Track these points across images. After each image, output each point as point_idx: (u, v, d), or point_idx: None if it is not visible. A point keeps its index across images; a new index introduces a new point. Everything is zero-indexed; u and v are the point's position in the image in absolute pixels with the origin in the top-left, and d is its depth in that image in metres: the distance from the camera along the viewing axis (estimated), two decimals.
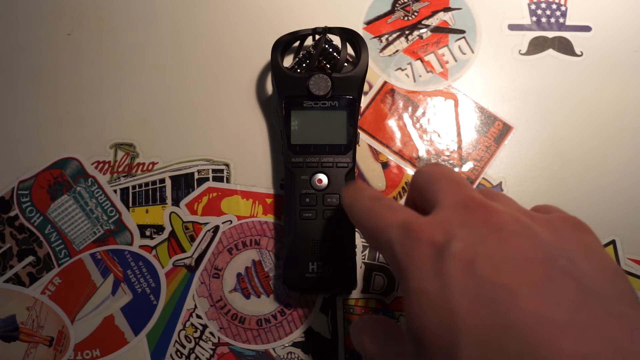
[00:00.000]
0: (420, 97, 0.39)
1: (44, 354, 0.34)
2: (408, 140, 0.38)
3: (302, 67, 0.35)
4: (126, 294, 0.35)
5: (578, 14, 0.40)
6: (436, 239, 0.19)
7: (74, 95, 0.39)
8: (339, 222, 0.32)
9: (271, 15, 0.40)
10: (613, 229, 0.36)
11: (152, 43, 0.40)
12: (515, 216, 0.20)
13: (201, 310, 0.35)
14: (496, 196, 0.23)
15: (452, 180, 0.22)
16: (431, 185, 0.23)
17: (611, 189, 0.37)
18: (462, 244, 0.19)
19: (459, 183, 0.22)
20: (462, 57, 0.40)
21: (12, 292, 0.35)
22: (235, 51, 0.39)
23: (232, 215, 0.36)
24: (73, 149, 0.38)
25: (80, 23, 0.40)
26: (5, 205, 0.37)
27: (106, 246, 0.36)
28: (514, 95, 0.39)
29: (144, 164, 0.37)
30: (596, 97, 0.39)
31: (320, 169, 0.33)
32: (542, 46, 0.40)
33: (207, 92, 0.39)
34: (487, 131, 0.38)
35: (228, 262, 0.35)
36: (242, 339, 0.34)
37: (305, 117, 0.34)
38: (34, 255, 0.36)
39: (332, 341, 0.34)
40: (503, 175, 0.37)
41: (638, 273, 0.35)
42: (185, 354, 0.34)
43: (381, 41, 0.40)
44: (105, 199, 0.37)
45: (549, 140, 0.38)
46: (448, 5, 0.41)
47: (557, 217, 0.21)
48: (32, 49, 0.40)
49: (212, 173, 0.37)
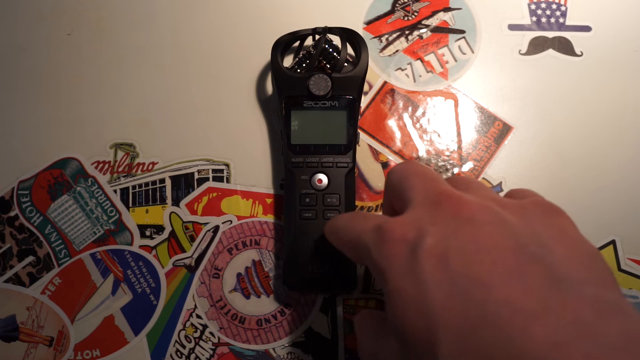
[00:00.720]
0: (420, 97, 0.39)
1: (44, 354, 0.34)
2: (408, 140, 0.38)
3: (302, 67, 0.35)
4: (126, 294, 0.35)
5: (578, 14, 0.40)
6: (408, 237, 0.20)
7: (74, 95, 0.39)
8: None
9: (271, 15, 0.40)
10: (613, 229, 0.36)
11: (152, 43, 0.40)
12: (486, 205, 0.20)
13: (201, 310, 0.35)
14: (469, 185, 0.23)
15: (422, 176, 0.22)
16: (403, 184, 0.23)
17: (611, 189, 0.37)
18: (433, 239, 0.19)
19: (429, 178, 0.22)
20: (462, 57, 0.40)
21: (12, 292, 0.35)
22: (235, 51, 0.39)
23: (232, 215, 0.36)
24: (73, 149, 0.38)
25: (80, 23, 0.40)
26: (5, 205, 0.37)
27: (106, 246, 0.36)
28: (514, 95, 0.39)
29: (144, 164, 0.37)
30: (596, 97, 0.39)
31: (320, 169, 0.33)
32: (542, 46, 0.40)
33: (207, 92, 0.39)
34: (487, 131, 0.38)
35: (228, 262, 0.35)
36: (242, 339, 0.34)
37: (305, 117, 0.34)
38: (34, 255, 0.36)
39: (332, 341, 0.34)
40: (503, 175, 0.37)
41: (638, 273, 0.35)
42: (185, 354, 0.34)
43: (381, 41, 0.40)
44: (105, 199, 0.37)
45: (549, 140, 0.38)
46: (448, 5, 0.41)
47: (530, 202, 0.21)
48: (32, 49, 0.40)
49: (212, 173, 0.37)
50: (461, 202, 0.20)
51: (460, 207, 0.20)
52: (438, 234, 0.19)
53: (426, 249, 0.19)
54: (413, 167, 0.23)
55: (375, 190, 0.37)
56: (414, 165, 0.24)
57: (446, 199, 0.20)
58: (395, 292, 0.19)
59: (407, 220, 0.20)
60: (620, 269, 0.35)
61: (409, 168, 0.24)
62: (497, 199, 0.21)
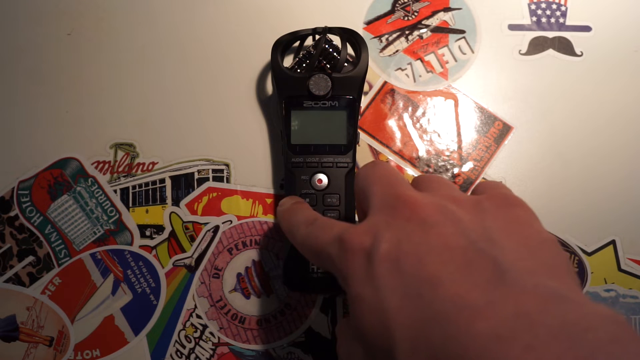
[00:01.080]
0: (420, 97, 0.39)
1: (44, 354, 0.34)
2: (408, 140, 0.38)
3: (302, 67, 0.35)
4: (126, 294, 0.35)
5: (578, 14, 0.40)
6: (365, 245, 0.20)
7: (74, 95, 0.39)
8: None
9: (271, 15, 0.40)
10: (613, 229, 0.36)
11: (152, 43, 0.40)
12: (440, 205, 0.20)
13: (201, 310, 0.35)
14: (429, 184, 0.23)
15: (382, 181, 0.23)
16: (366, 189, 0.23)
17: (611, 189, 0.37)
18: (387, 245, 0.19)
19: (387, 183, 0.22)
20: (462, 57, 0.40)
21: (12, 292, 0.35)
22: (235, 51, 0.39)
23: (232, 215, 0.36)
24: (73, 149, 0.38)
25: (80, 23, 0.40)
26: (5, 205, 0.37)
27: (106, 246, 0.36)
28: (514, 95, 0.39)
29: (144, 164, 0.37)
30: (596, 97, 0.39)
31: (320, 169, 0.33)
32: (542, 46, 0.40)
33: (207, 92, 0.39)
34: (487, 131, 0.38)
35: (228, 262, 0.35)
36: (242, 339, 0.34)
37: (305, 117, 0.34)
38: (34, 255, 0.36)
39: (332, 341, 0.34)
40: (503, 175, 0.37)
41: (638, 273, 0.35)
42: (185, 354, 0.34)
43: (381, 41, 0.40)
44: (105, 199, 0.37)
45: (549, 140, 0.38)
46: (448, 5, 0.41)
47: (485, 197, 0.21)
48: (32, 49, 0.40)
49: (212, 173, 0.37)
50: (415, 205, 0.20)
51: (414, 209, 0.20)
52: (393, 239, 0.19)
53: (381, 255, 0.19)
54: (374, 172, 0.24)
55: None
56: (376, 169, 0.24)
57: (402, 203, 0.21)
58: (356, 298, 0.19)
59: (364, 228, 0.21)
60: (620, 269, 0.35)
61: (371, 173, 0.24)
62: (454, 197, 0.22)
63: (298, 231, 0.25)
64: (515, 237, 0.19)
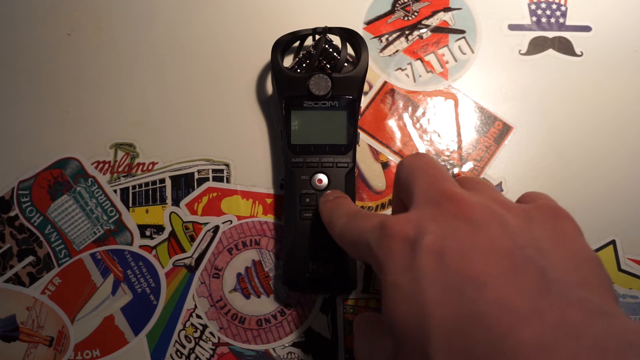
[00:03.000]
0: (420, 97, 0.39)
1: (44, 354, 0.34)
2: (408, 140, 0.38)
3: (302, 67, 0.35)
4: (126, 294, 0.35)
5: (578, 14, 0.40)
6: (409, 234, 0.20)
7: (74, 95, 0.39)
8: None
9: (271, 15, 0.40)
10: (613, 229, 0.36)
11: (152, 43, 0.40)
12: (488, 206, 0.20)
13: (201, 310, 0.35)
14: (475, 185, 0.23)
15: (428, 174, 0.23)
16: (409, 181, 0.23)
17: (611, 189, 0.37)
18: (432, 237, 0.19)
19: (434, 177, 0.22)
20: (462, 57, 0.40)
21: (12, 292, 0.35)
22: (235, 51, 0.39)
23: (232, 215, 0.36)
24: (73, 149, 0.38)
25: (80, 23, 0.40)
26: (5, 205, 0.37)
27: (106, 246, 0.36)
28: (514, 95, 0.39)
29: (144, 164, 0.37)
30: (596, 97, 0.39)
31: (321, 169, 0.33)
32: (542, 46, 0.40)
33: (207, 92, 0.39)
34: (487, 131, 0.38)
35: (228, 262, 0.35)
36: (242, 339, 0.34)
37: (305, 117, 0.34)
38: (34, 255, 0.36)
39: (332, 341, 0.34)
40: (503, 175, 0.37)
41: (638, 273, 0.35)
42: (185, 354, 0.34)
43: (381, 41, 0.40)
44: (105, 199, 0.37)
45: (549, 140, 0.38)
46: (448, 5, 0.41)
47: (534, 206, 0.21)
48: (32, 49, 0.40)
49: (212, 173, 0.37)
50: (463, 202, 0.20)
51: (462, 207, 0.20)
52: (438, 233, 0.19)
53: (425, 246, 0.19)
54: (420, 163, 0.24)
55: (375, 190, 0.37)
56: (421, 160, 0.24)
57: (448, 199, 0.21)
58: (392, 286, 0.19)
59: (409, 218, 0.21)
60: (620, 269, 0.35)
61: (416, 164, 0.24)
62: (501, 200, 0.21)
63: (339, 221, 0.25)
64: (562, 250, 0.19)
